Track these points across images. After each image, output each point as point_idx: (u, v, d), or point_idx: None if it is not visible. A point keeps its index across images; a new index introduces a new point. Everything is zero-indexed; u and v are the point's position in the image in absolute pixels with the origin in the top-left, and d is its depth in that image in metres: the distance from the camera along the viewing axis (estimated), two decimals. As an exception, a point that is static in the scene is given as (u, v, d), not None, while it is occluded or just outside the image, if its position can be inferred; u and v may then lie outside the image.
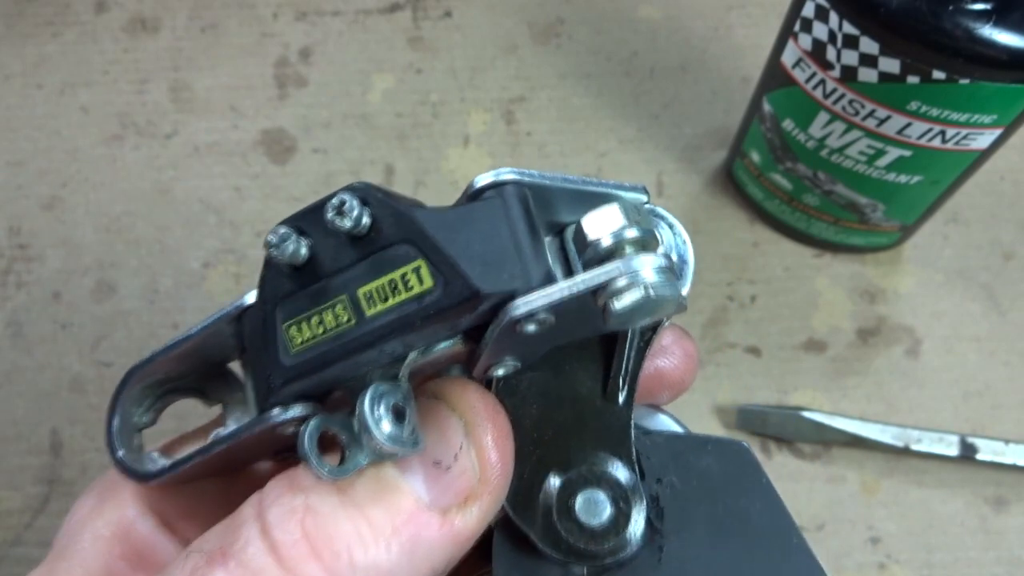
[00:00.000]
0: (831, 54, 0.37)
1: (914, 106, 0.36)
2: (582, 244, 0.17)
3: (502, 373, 0.19)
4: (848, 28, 0.35)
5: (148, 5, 0.55)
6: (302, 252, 0.17)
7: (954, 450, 0.42)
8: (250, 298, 0.19)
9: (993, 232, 0.49)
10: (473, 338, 0.17)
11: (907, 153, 0.39)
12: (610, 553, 0.19)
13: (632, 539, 0.19)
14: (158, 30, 0.55)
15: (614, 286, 0.16)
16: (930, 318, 0.47)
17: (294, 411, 0.18)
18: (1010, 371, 0.45)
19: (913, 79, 0.35)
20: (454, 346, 0.18)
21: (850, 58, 0.36)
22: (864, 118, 0.38)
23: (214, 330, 0.20)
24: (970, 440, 0.42)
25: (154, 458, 0.21)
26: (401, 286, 0.16)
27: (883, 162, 0.40)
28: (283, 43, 0.55)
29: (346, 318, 0.17)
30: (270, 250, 0.17)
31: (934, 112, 0.36)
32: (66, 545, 0.20)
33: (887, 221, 0.45)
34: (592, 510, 0.19)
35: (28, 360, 0.45)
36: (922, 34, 0.33)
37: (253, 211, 0.49)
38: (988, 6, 0.32)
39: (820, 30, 0.36)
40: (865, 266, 0.48)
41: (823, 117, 0.39)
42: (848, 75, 0.37)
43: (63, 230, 0.48)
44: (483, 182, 0.17)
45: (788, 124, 0.42)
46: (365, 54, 0.54)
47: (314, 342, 0.17)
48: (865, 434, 0.42)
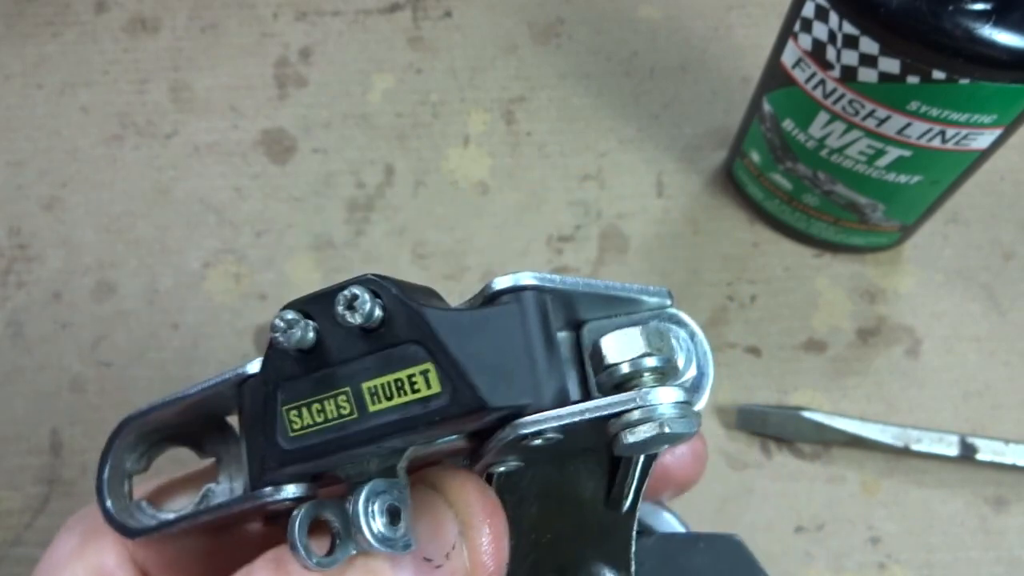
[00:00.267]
0: (831, 54, 0.37)
1: (914, 106, 0.36)
2: (599, 364, 0.16)
3: (504, 470, 0.18)
4: (848, 28, 0.35)
5: (148, 5, 0.55)
6: (309, 337, 0.17)
7: (954, 450, 0.42)
8: (252, 367, 0.19)
9: (993, 232, 0.49)
10: (478, 435, 0.17)
11: (907, 153, 0.39)
12: None
13: None
14: (158, 30, 0.55)
15: (628, 418, 0.15)
16: (930, 318, 0.47)
17: (286, 492, 0.17)
18: (1010, 371, 0.45)
19: (913, 79, 0.35)
20: (457, 441, 0.17)
21: (850, 58, 0.36)
22: (864, 118, 0.38)
23: (214, 391, 0.20)
24: (970, 440, 0.42)
25: (143, 507, 0.21)
26: (407, 387, 0.16)
27: (883, 162, 0.40)
28: (283, 43, 0.55)
29: (348, 410, 0.16)
30: (276, 335, 0.17)
31: (934, 112, 0.36)
32: None
33: (887, 221, 0.45)
34: None
35: (28, 360, 0.45)
36: (922, 34, 0.33)
37: (253, 211, 0.49)
38: (988, 6, 0.32)
39: (820, 30, 0.36)
40: (865, 266, 0.48)
41: (823, 117, 0.39)
42: (848, 75, 0.37)
43: (63, 230, 0.48)
44: (501, 286, 0.17)
45: (788, 124, 0.42)
46: (365, 54, 0.54)
47: (313, 429, 0.17)
48: (865, 434, 0.42)
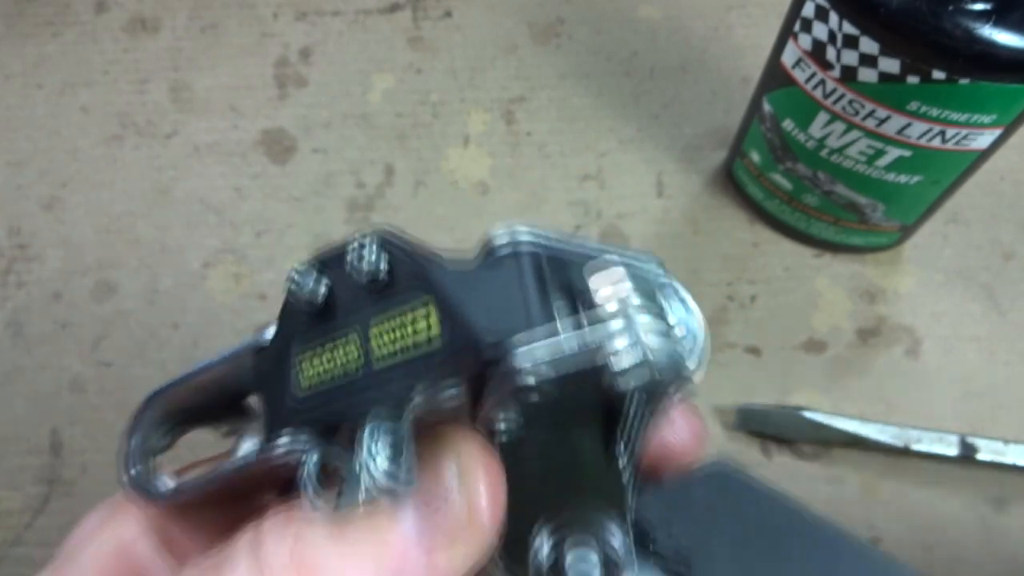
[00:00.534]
0: (831, 54, 0.37)
1: (914, 106, 0.36)
2: (588, 305, 0.17)
3: (503, 429, 0.19)
4: (848, 28, 0.35)
5: (148, 5, 0.56)
6: (321, 291, 0.18)
7: (954, 450, 0.42)
8: (269, 333, 0.20)
9: (993, 232, 0.49)
10: (477, 392, 0.17)
11: (907, 153, 0.39)
12: None
13: None
14: (158, 30, 0.55)
15: (614, 346, 0.16)
16: (930, 318, 0.47)
17: (300, 442, 0.18)
18: (1010, 371, 0.45)
19: (913, 79, 0.35)
20: (458, 398, 0.18)
21: (850, 58, 0.36)
22: (864, 118, 0.38)
23: (234, 361, 0.21)
24: (970, 440, 0.42)
25: (165, 481, 0.22)
26: (411, 328, 0.17)
27: (883, 162, 0.40)
28: (283, 43, 0.55)
29: (356, 355, 0.17)
30: (291, 286, 0.18)
31: (934, 112, 0.36)
32: (67, 559, 0.21)
33: (887, 221, 0.45)
34: (582, 569, 0.19)
35: (28, 360, 0.45)
36: (922, 34, 0.33)
37: (253, 211, 0.49)
38: (988, 6, 0.32)
39: (820, 30, 0.36)
40: (865, 266, 0.48)
41: (823, 117, 0.39)
42: (848, 75, 0.37)
43: (63, 230, 0.48)
44: (499, 240, 0.17)
45: (788, 124, 0.42)
46: (365, 54, 0.54)
47: (325, 376, 0.18)
48: (865, 434, 0.42)
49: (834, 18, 0.35)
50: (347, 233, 0.18)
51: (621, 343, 0.16)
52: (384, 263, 0.17)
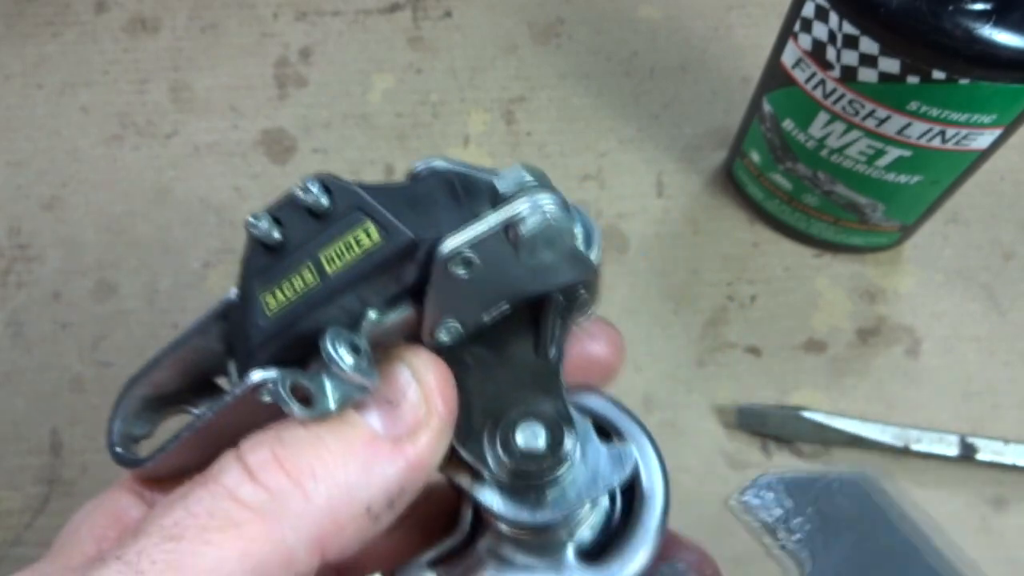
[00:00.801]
0: (831, 54, 0.37)
1: (914, 106, 0.36)
2: (495, 199, 0.20)
3: (446, 337, 0.21)
4: (848, 28, 0.35)
5: (148, 5, 0.56)
6: (275, 232, 0.21)
7: (954, 450, 0.42)
8: (233, 294, 0.22)
9: (993, 232, 0.49)
10: (421, 303, 0.20)
11: (907, 153, 0.39)
12: (549, 469, 0.22)
13: (567, 457, 0.22)
14: (158, 30, 0.55)
15: (520, 215, 0.19)
16: (930, 318, 0.47)
17: (271, 372, 0.19)
18: (1010, 371, 0.45)
19: (913, 79, 0.35)
20: (405, 314, 0.20)
21: (850, 58, 0.36)
22: (864, 118, 0.38)
23: (205, 332, 0.22)
24: (970, 440, 0.42)
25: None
26: (354, 244, 0.20)
27: (883, 162, 0.40)
28: (283, 43, 0.55)
29: (311, 279, 0.20)
30: (250, 229, 0.21)
31: (934, 112, 0.36)
32: (66, 540, 0.22)
33: (887, 221, 0.45)
34: (530, 438, 0.22)
35: (28, 360, 0.45)
36: (922, 34, 0.33)
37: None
38: (988, 6, 0.32)
39: (820, 30, 0.36)
40: (865, 266, 0.48)
41: (823, 117, 0.39)
42: (848, 75, 0.37)
43: (63, 230, 0.48)
44: (421, 167, 0.21)
45: (788, 124, 0.42)
46: (365, 54, 0.54)
47: (286, 303, 0.20)
48: (865, 434, 0.42)
49: (834, 18, 0.35)
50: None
51: (526, 211, 0.19)
52: (325, 197, 0.20)
